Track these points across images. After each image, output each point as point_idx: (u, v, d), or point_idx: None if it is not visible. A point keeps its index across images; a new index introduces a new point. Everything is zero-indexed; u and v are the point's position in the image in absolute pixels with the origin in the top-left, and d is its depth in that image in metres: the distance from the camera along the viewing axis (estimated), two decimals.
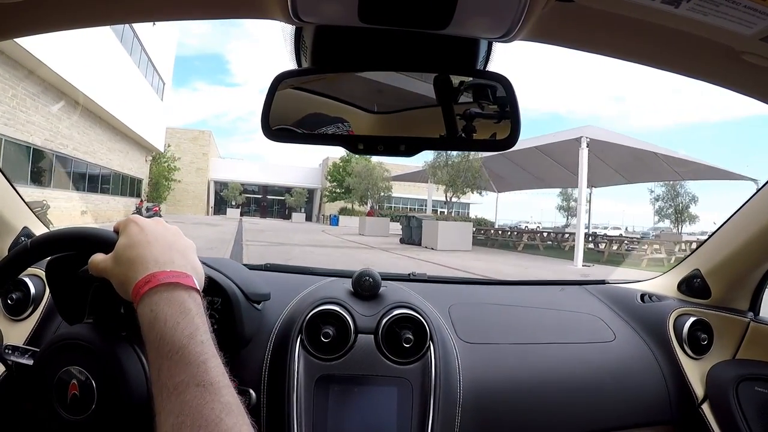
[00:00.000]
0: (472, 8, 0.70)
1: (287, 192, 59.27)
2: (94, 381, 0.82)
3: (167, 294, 0.70)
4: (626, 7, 0.67)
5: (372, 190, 37.04)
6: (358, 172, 37.20)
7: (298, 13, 0.74)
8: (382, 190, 37.49)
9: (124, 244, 0.77)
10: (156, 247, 0.76)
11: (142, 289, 0.70)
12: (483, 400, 1.25)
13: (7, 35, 0.93)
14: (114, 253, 0.77)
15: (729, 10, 0.63)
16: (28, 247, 0.89)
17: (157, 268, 0.73)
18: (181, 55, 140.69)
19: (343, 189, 46.01)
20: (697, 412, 1.41)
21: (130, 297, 0.72)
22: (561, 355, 1.40)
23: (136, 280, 0.72)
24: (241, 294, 1.17)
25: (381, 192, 37.53)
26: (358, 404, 1.16)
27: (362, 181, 36.88)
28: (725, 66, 0.84)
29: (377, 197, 37.71)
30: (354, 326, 1.21)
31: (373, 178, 36.47)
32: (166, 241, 0.79)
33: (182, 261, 0.77)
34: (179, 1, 0.83)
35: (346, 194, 45.07)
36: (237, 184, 56.60)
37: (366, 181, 36.73)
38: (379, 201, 37.67)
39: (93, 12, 0.86)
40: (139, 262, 0.74)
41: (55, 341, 0.86)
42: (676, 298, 1.66)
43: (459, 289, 1.69)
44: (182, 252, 0.79)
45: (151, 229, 0.79)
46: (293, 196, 57.10)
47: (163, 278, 0.71)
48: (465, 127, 0.90)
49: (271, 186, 61.46)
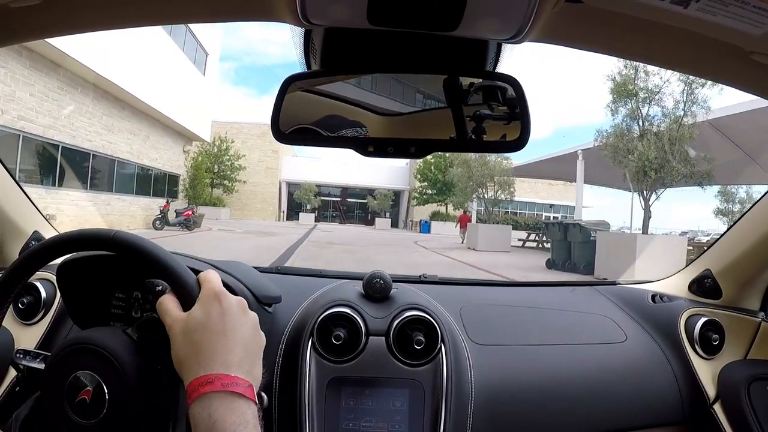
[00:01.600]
0: (481, 9, 0.70)
1: (370, 194, 50.01)
2: (106, 386, 0.82)
3: (228, 401, 0.67)
4: (635, 7, 0.67)
5: (484, 186, 25.62)
6: (464, 161, 25.53)
7: (307, 16, 0.74)
8: (502, 186, 25.39)
9: (199, 320, 0.75)
10: (229, 343, 0.73)
11: (203, 388, 0.67)
12: (495, 401, 1.25)
13: (25, 38, 0.95)
14: (186, 324, 0.75)
15: (738, 10, 0.63)
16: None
17: (224, 369, 0.70)
18: (266, 64, 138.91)
19: (436, 189, 38.92)
20: (708, 412, 1.40)
21: (185, 382, 0.70)
22: (572, 356, 1.40)
23: (198, 374, 0.69)
24: (252, 297, 1.17)
25: (499, 189, 25.51)
26: (369, 406, 1.16)
27: (472, 173, 25.31)
28: (734, 66, 0.83)
29: (492, 197, 25.79)
30: (365, 328, 1.21)
31: (489, 169, 24.72)
32: (243, 338, 0.76)
33: (249, 367, 0.74)
34: (190, 4, 0.83)
35: (440, 195, 38.47)
36: (311, 185, 47.61)
37: (479, 172, 25.07)
38: (495, 202, 26.10)
39: (107, 15, 0.87)
40: (208, 354, 0.71)
41: (67, 345, 0.86)
42: (688, 298, 1.65)
43: (470, 291, 1.69)
44: (253, 356, 0.76)
45: (232, 317, 0.76)
46: (377, 199, 48.18)
47: (228, 385, 0.68)
48: (475, 128, 0.90)
49: (351, 187, 52.18)
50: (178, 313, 0.77)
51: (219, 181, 37.90)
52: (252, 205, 45.25)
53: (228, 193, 38.89)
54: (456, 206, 33.32)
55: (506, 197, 26.00)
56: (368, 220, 50.41)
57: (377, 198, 47.97)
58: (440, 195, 38.18)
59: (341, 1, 0.72)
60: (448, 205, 37.60)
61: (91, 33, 0.94)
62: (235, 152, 38.95)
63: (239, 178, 39.19)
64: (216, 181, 37.57)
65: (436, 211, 40.87)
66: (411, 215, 46.70)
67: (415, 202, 42.89)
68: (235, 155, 38.90)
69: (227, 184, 38.25)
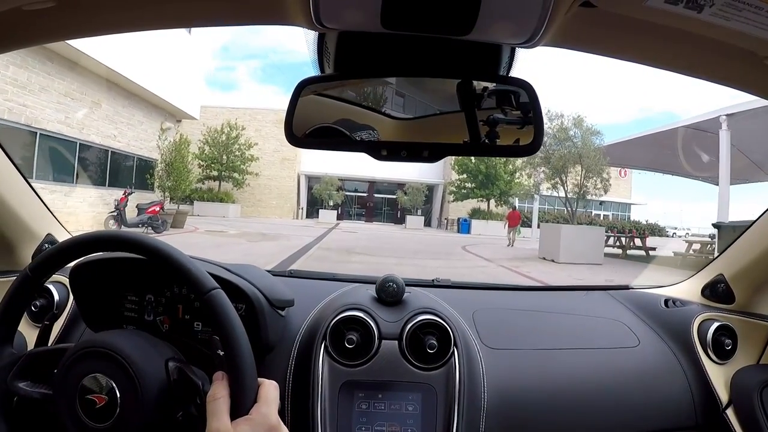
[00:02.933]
0: (495, 14, 0.71)
1: (400, 188, 42.03)
2: (118, 389, 0.83)
3: None
4: (648, 12, 0.67)
5: (565, 172, 18.78)
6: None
7: (321, 20, 0.74)
8: (591, 171, 18.44)
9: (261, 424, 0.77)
10: None
11: None
12: (507, 405, 1.25)
13: (38, 40, 0.96)
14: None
15: (752, 16, 0.63)
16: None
17: None
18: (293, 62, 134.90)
19: (477, 182, 32.30)
20: (721, 417, 1.39)
21: None
22: (585, 360, 1.40)
23: None
24: (264, 300, 1.18)
25: (590, 176, 18.50)
26: (382, 410, 1.16)
27: (549, 153, 18.68)
28: (747, 71, 0.83)
29: (577, 189, 19.01)
30: (378, 332, 1.22)
31: (576, 148, 17.99)
32: None
33: None
34: (205, 8, 0.84)
35: (482, 189, 31.93)
36: (333, 179, 39.47)
37: (558, 153, 18.64)
38: (581, 195, 18.84)
39: (121, 18, 0.88)
40: None
41: (79, 348, 0.87)
42: (700, 303, 1.64)
43: (483, 295, 1.70)
44: None
45: None
46: (407, 194, 40.29)
47: None
48: (488, 132, 0.90)
49: (379, 181, 43.54)
50: (226, 422, 0.76)
51: (228, 173, 33.02)
52: (267, 201, 38.79)
53: (239, 188, 34.01)
54: (499, 202, 31.07)
55: (596, 188, 19.03)
56: (397, 218, 42.83)
57: (408, 193, 40.37)
58: (482, 189, 32.24)
59: (355, 5, 0.72)
60: (490, 201, 32.44)
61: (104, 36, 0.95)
62: (246, 140, 33.42)
63: (251, 170, 33.99)
64: (224, 173, 32.86)
65: (476, 208, 34.49)
66: (446, 212, 40.08)
67: (452, 198, 35.60)
68: (246, 144, 33.42)
69: (237, 177, 33.31)
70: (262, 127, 37.96)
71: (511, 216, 23.53)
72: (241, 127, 33.10)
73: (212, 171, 32.40)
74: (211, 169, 32.37)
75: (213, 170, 32.45)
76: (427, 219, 41.16)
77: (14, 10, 0.77)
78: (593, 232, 16.57)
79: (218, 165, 32.52)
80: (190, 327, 1.17)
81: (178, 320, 1.17)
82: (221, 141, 32.43)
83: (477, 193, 32.37)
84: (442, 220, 40.08)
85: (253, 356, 0.83)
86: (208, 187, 32.96)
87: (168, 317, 1.17)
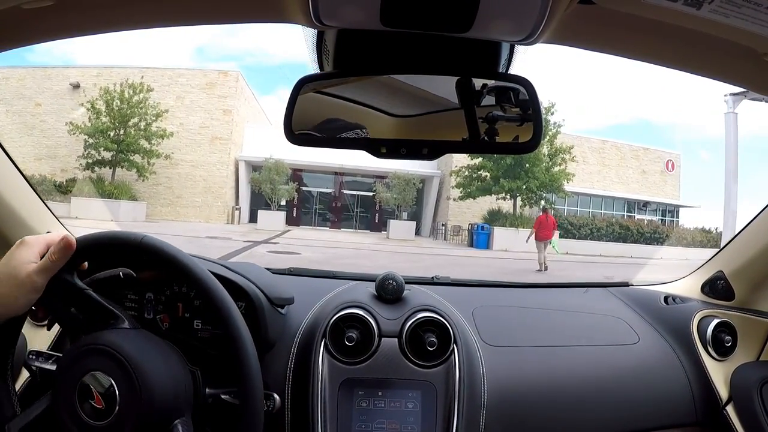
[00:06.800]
0: (494, 11, 0.70)
1: (379, 181, 28.53)
2: (117, 387, 0.83)
3: None
4: (648, 8, 0.67)
5: None
6: None
7: (320, 17, 0.74)
8: None
9: None
10: None
11: None
12: (507, 403, 1.25)
13: (38, 39, 0.95)
14: None
15: (751, 12, 0.63)
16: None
17: None
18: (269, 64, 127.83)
19: (501, 171, 22.46)
20: (721, 413, 1.39)
21: None
22: (585, 357, 1.40)
23: None
24: (264, 298, 1.18)
25: None
26: (382, 408, 1.16)
27: None
28: (747, 67, 0.83)
29: None
30: (378, 330, 1.21)
31: None
32: None
33: None
34: (203, 6, 0.84)
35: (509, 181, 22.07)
36: (281, 165, 25.60)
37: None
38: None
39: (119, 16, 0.87)
40: None
41: (78, 347, 0.87)
42: (700, 299, 1.64)
43: (482, 293, 1.70)
44: None
45: None
46: (391, 190, 27.03)
47: None
48: (487, 130, 0.90)
49: (350, 171, 29.47)
50: None
51: (124, 156, 22.65)
52: (188, 198, 26.55)
53: (143, 178, 23.34)
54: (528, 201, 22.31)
55: None
56: (376, 224, 30.15)
57: (393, 189, 26.99)
58: (508, 179, 22.14)
59: (354, 3, 0.72)
60: (516, 198, 23.09)
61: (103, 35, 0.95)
62: (154, 105, 23.27)
63: (159, 151, 23.32)
64: (121, 156, 22.58)
65: (494, 210, 24.35)
66: (444, 215, 27.98)
67: (459, 193, 24.67)
68: (152, 110, 23.28)
69: (137, 161, 22.95)
70: (185, 94, 26.87)
71: (542, 223, 15.40)
72: (147, 89, 23.24)
73: (103, 151, 22.38)
74: (103, 147, 22.19)
75: (104, 149, 22.27)
76: (419, 225, 28.65)
77: (13, 9, 0.77)
78: None
79: (108, 142, 22.14)
80: (189, 325, 1.17)
81: (178, 318, 1.17)
82: (114, 108, 22.56)
83: (502, 186, 22.35)
84: (438, 227, 28.35)
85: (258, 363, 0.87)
86: (99, 176, 23.09)
87: (168, 315, 1.18)
